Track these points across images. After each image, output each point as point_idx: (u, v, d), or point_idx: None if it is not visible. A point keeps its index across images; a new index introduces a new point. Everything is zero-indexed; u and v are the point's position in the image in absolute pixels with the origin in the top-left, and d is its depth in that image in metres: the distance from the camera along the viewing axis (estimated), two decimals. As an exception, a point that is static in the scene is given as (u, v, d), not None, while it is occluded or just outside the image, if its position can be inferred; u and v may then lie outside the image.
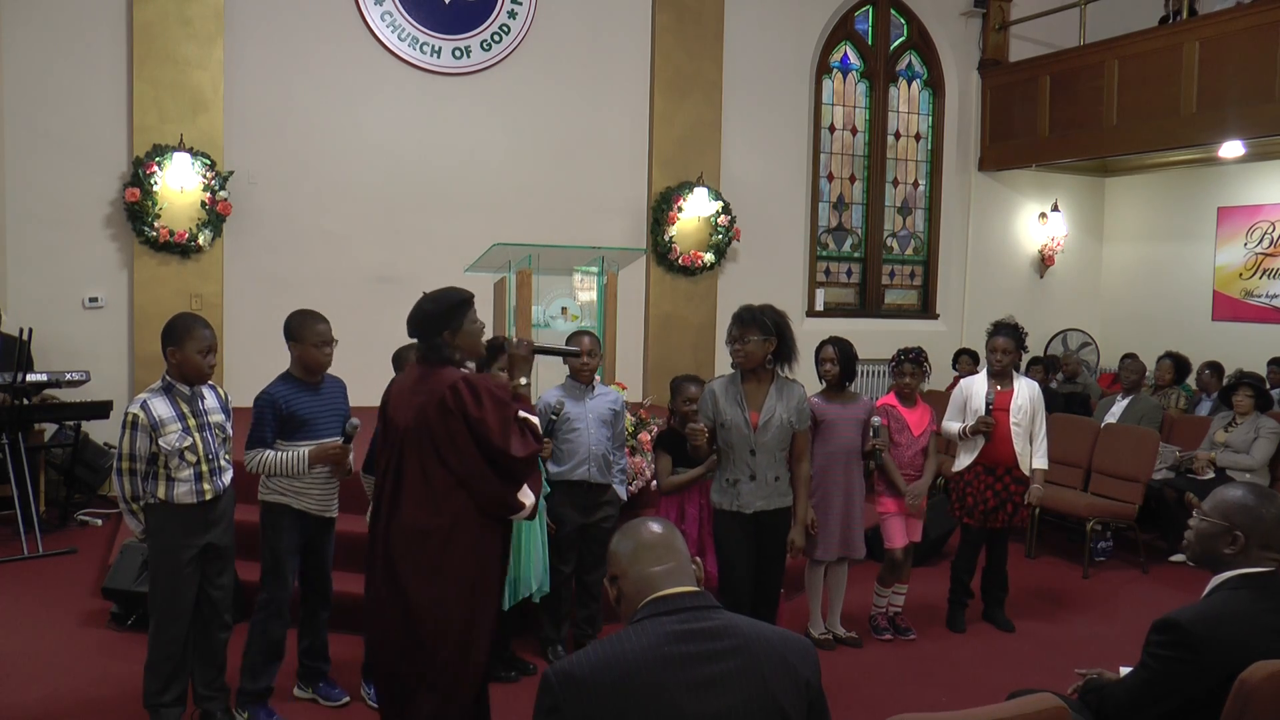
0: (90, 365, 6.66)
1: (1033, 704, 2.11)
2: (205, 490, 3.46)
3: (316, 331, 3.76)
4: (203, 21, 7.15)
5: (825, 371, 4.65)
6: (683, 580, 1.92)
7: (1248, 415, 6.47)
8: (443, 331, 3.16)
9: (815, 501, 4.45)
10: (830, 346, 4.67)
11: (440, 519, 3.05)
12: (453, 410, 3.04)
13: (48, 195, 7.00)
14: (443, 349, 3.17)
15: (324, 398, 3.83)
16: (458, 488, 3.07)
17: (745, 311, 3.94)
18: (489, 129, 8.11)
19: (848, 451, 4.60)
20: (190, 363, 3.44)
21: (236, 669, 3.75)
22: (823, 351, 4.68)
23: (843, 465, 4.58)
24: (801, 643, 1.92)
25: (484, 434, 3.04)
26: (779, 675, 1.83)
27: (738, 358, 3.93)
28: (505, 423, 3.07)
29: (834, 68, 9.61)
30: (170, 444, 3.37)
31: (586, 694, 1.75)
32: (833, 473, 4.56)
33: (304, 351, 3.76)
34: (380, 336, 4.66)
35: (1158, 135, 8.26)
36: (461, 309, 3.19)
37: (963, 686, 4.35)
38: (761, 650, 1.84)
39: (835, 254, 9.78)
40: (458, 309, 3.18)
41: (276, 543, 3.75)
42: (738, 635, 1.85)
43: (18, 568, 5.54)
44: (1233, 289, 9.40)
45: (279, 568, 3.75)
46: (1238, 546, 2.42)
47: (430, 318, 3.17)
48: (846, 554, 4.66)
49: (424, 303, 3.21)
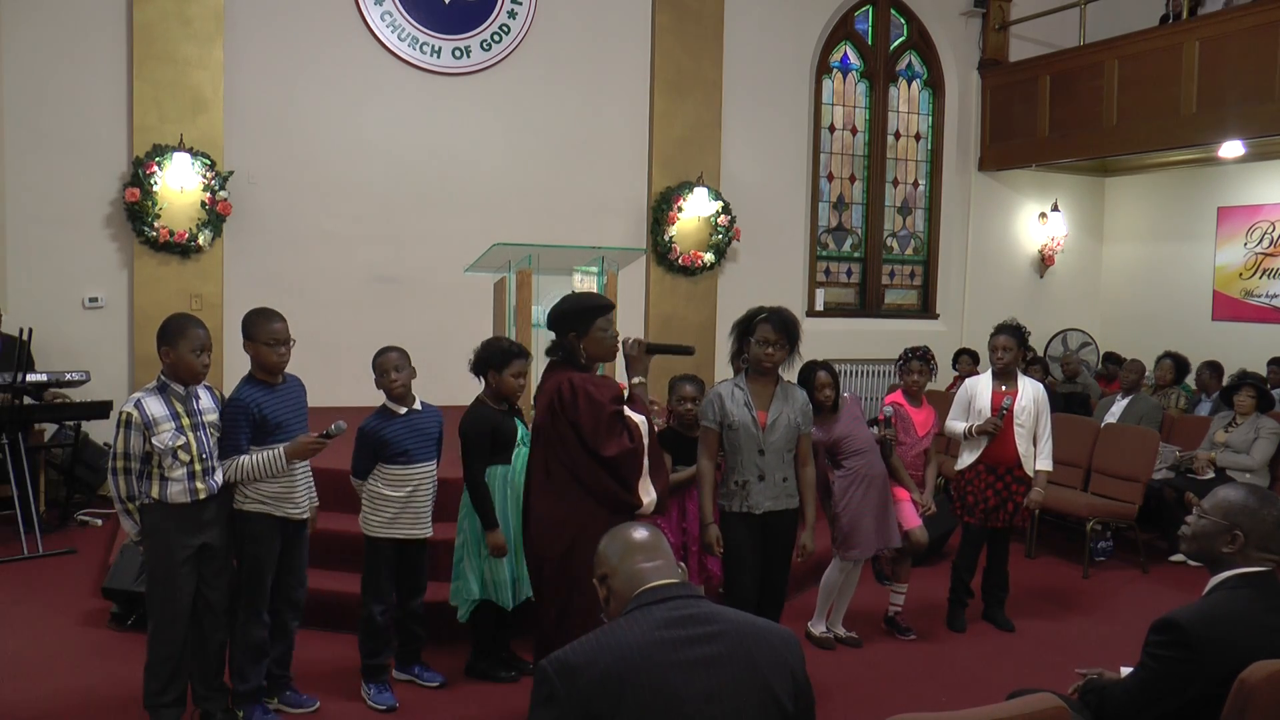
0: (90, 365, 6.67)
1: (1033, 704, 2.11)
2: (199, 489, 3.45)
3: (269, 330, 3.63)
4: (203, 21, 7.15)
5: (825, 398, 4.55)
6: (670, 575, 1.99)
7: (1248, 415, 6.46)
8: (569, 332, 3.45)
9: (848, 503, 4.54)
10: (824, 372, 4.57)
11: (559, 510, 3.37)
12: (559, 412, 3.35)
13: (48, 195, 7.00)
14: (568, 348, 3.46)
15: (288, 398, 3.74)
16: (574, 483, 3.36)
17: (787, 319, 3.91)
18: (489, 129, 8.11)
19: (865, 449, 4.63)
20: (184, 362, 3.43)
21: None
22: (818, 378, 4.53)
23: (871, 462, 4.62)
24: (785, 632, 1.99)
25: (581, 435, 3.31)
26: (767, 658, 1.89)
27: (768, 360, 3.90)
28: (598, 423, 3.31)
29: (834, 68, 9.61)
30: (163, 442, 3.37)
31: (582, 681, 1.78)
32: (862, 472, 4.59)
33: (257, 351, 3.64)
34: (380, 336, 4.64)
35: (1158, 135, 8.26)
36: (592, 314, 3.47)
37: (963, 686, 4.35)
38: (748, 634, 1.91)
39: (835, 254, 9.78)
40: (588, 313, 3.46)
41: (256, 552, 3.66)
42: (725, 621, 1.92)
43: (18, 568, 5.54)
44: (1233, 289, 9.40)
45: (259, 576, 3.68)
46: (1236, 546, 2.43)
47: (562, 317, 3.48)
48: (885, 544, 4.69)
49: (562, 302, 3.53)
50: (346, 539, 4.52)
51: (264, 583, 3.70)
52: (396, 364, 3.98)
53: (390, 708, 3.91)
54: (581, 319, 3.45)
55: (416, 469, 3.98)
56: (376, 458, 3.97)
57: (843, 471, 4.60)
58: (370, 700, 3.95)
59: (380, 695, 3.95)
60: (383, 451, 3.95)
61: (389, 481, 3.97)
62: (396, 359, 3.99)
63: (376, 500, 3.98)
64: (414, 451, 3.97)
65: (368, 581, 4.03)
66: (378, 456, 3.97)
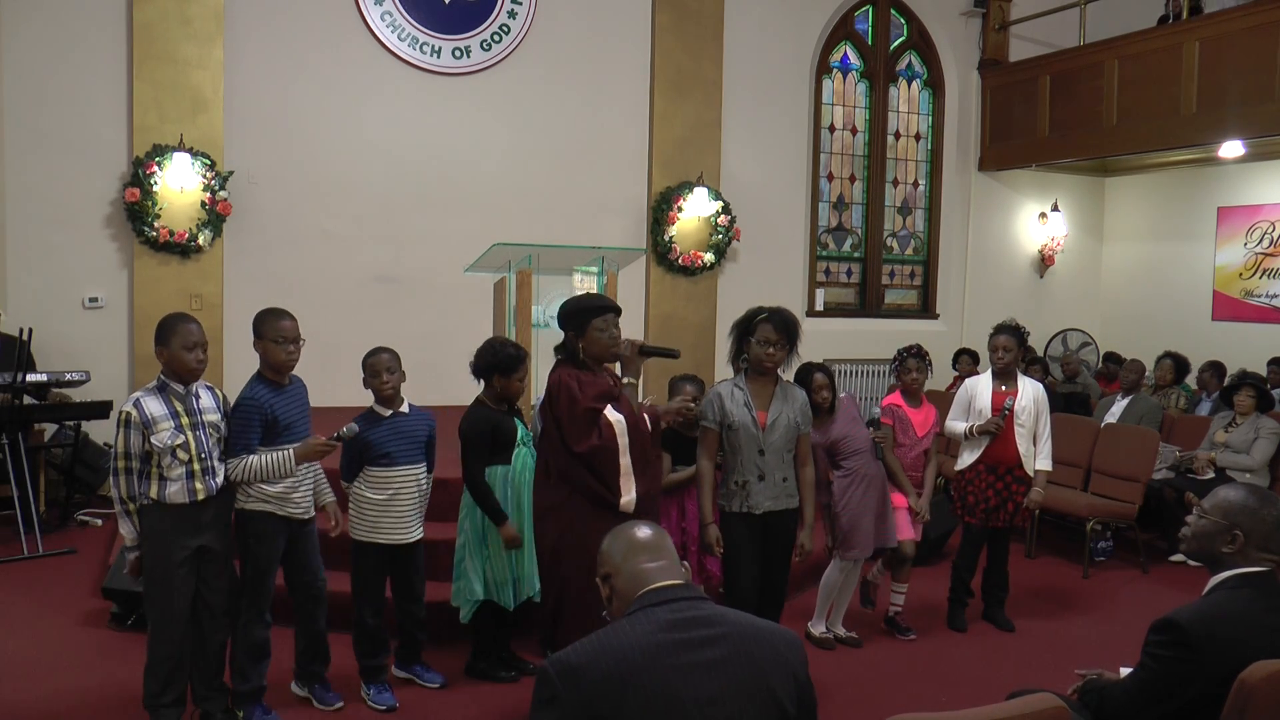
0: (90, 365, 6.67)
1: (1033, 704, 2.11)
2: (198, 489, 3.44)
3: (278, 328, 3.64)
4: (203, 21, 7.15)
5: (822, 400, 4.54)
6: (674, 576, 1.98)
7: (1248, 415, 6.47)
8: (569, 331, 3.61)
9: (847, 504, 4.55)
10: (821, 374, 4.57)
11: (554, 499, 3.58)
12: (546, 409, 3.54)
13: (48, 195, 7.00)
14: (569, 346, 3.63)
15: (295, 399, 3.75)
16: (562, 477, 3.56)
17: (787, 319, 3.92)
18: (489, 129, 8.11)
19: (862, 451, 4.64)
20: (178, 359, 3.42)
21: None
22: (815, 379, 4.53)
23: (864, 461, 4.63)
24: (788, 634, 1.97)
25: (560, 427, 3.48)
26: (770, 661, 1.88)
27: (768, 360, 3.91)
28: (572, 419, 3.47)
29: (834, 68, 9.61)
30: (162, 441, 3.37)
31: (584, 683, 1.78)
32: (861, 472, 4.60)
33: (265, 348, 3.65)
34: (380, 336, 4.64)
35: (1158, 135, 8.26)
36: (590, 314, 3.61)
37: (963, 686, 4.35)
38: (752, 638, 1.90)
39: (835, 254, 9.78)
40: (587, 313, 3.60)
41: (260, 552, 3.67)
42: (728, 623, 1.90)
43: (18, 568, 5.54)
44: (1233, 289, 9.40)
45: (261, 576, 3.69)
46: (1236, 546, 2.43)
47: (565, 316, 3.65)
48: (883, 544, 4.70)
49: (566, 302, 3.70)
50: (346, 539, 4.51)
51: (266, 582, 3.71)
52: (388, 365, 3.96)
53: (390, 708, 3.92)
54: (579, 319, 3.59)
55: (399, 471, 3.95)
56: (362, 460, 3.95)
57: (842, 472, 4.60)
58: (370, 700, 3.95)
59: (380, 695, 3.95)
60: (366, 454, 3.93)
61: (371, 484, 3.95)
62: (388, 360, 3.97)
63: (360, 503, 3.97)
64: (396, 454, 3.94)
65: (357, 585, 4.03)
66: (362, 459, 3.95)
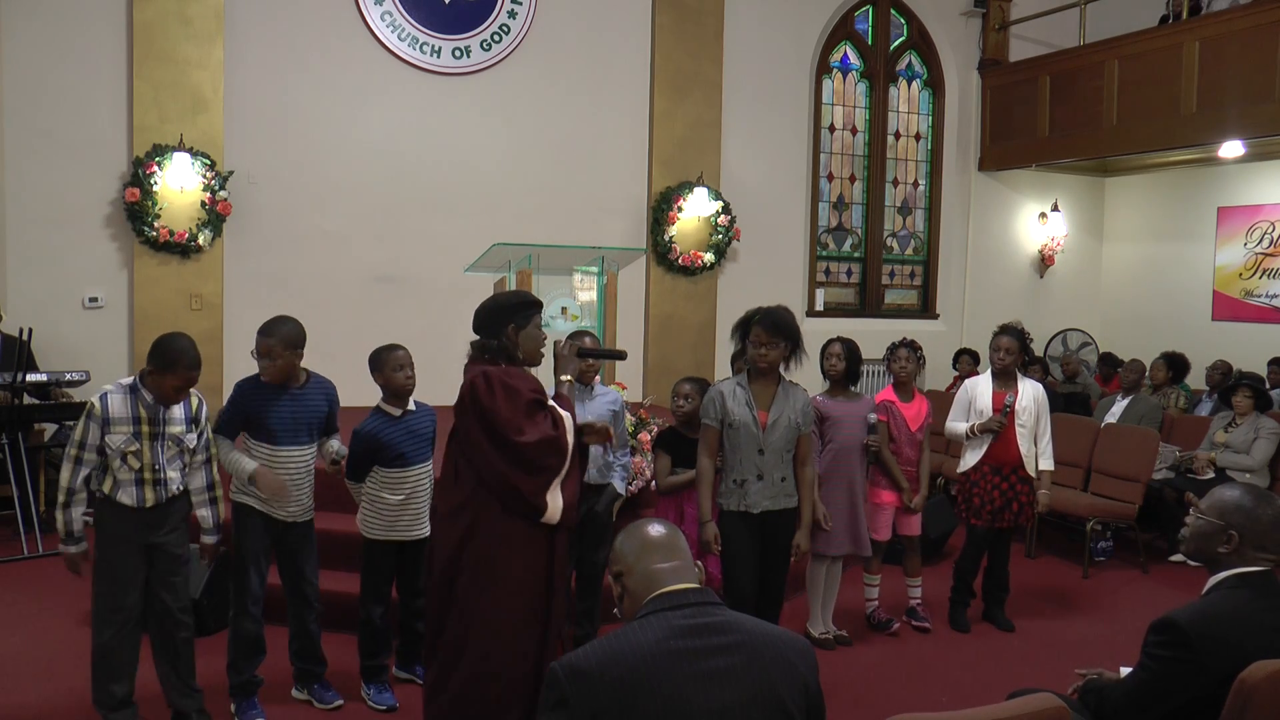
0: (90, 365, 6.66)
1: (1033, 704, 2.11)
2: (146, 498, 3.42)
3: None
4: (203, 21, 7.15)
5: (830, 366, 4.69)
6: (687, 578, 1.95)
7: (1247, 415, 6.47)
8: (508, 324, 3.25)
9: (820, 496, 4.46)
10: (838, 344, 4.73)
11: (463, 516, 3.16)
12: (467, 406, 3.15)
13: (48, 195, 7.00)
14: (503, 344, 3.24)
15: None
16: (480, 485, 3.14)
17: (778, 319, 3.92)
18: (489, 129, 8.11)
19: (852, 449, 4.65)
20: (161, 389, 3.39)
21: (221, 669, 3.83)
22: (830, 347, 4.73)
23: (847, 461, 4.63)
24: (801, 642, 1.95)
25: (492, 422, 3.10)
26: (781, 672, 1.86)
27: (762, 361, 3.92)
28: (515, 410, 3.12)
29: (834, 68, 9.61)
30: (115, 444, 3.34)
31: (593, 687, 1.77)
32: (838, 469, 4.60)
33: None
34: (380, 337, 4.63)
35: (1158, 135, 8.26)
36: (532, 308, 3.33)
37: (963, 686, 4.35)
38: (764, 646, 1.87)
39: (835, 254, 9.78)
40: (529, 307, 3.32)
41: (241, 542, 3.75)
42: (741, 631, 1.88)
43: (18, 568, 5.54)
44: (1233, 289, 9.40)
45: (243, 566, 3.74)
46: (1232, 546, 2.43)
47: (501, 309, 3.28)
48: (856, 550, 4.68)
49: (497, 295, 3.40)
50: (346, 539, 4.52)
51: (248, 574, 3.73)
52: (405, 361, 3.99)
53: (390, 708, 3.92)
54: (523, 313, 3.28)
55: (413, 471, 3.96)
56: (373, 461, 3.95)
57: (823, 450, 4.59)
58: (370, 700, 3.96)
59: (380, 695, 3.95)
60: (380, 455, 3.92)
61: (387, 485, 3.94)
62: (405, 356, 4.00)
63: (376, 504, 3.97)
64: (410, 454, 3.95)
65: (366, 584, 4.03)
66: (375, 460, 3.95)
